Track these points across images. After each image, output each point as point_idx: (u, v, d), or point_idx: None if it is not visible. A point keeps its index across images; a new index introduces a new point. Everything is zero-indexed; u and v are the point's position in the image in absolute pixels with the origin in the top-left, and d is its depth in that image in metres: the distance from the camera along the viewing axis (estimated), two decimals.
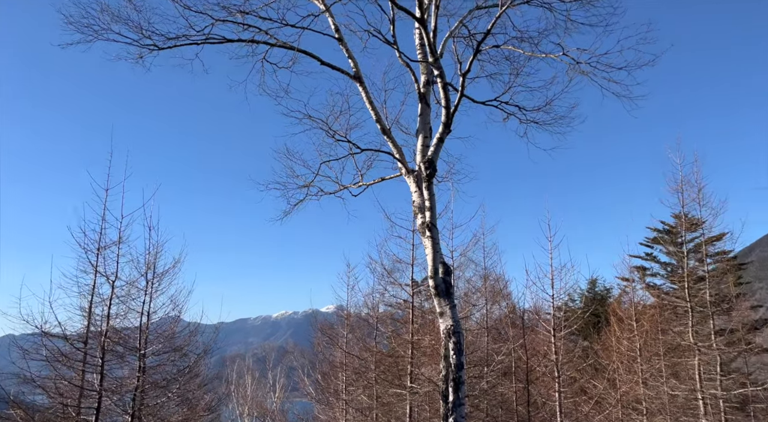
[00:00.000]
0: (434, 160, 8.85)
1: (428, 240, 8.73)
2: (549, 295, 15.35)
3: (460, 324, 8.91)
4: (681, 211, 19.50)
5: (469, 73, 8.48)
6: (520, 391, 15.81)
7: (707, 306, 17.03)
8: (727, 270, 28.47)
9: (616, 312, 19.30)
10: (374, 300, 18.17)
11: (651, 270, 32.02)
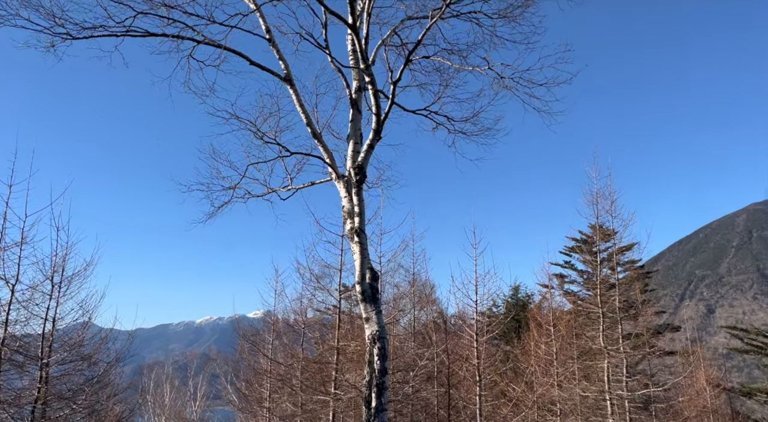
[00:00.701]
0: (364, 165, 8.89)
1: (357, 245, 8.75)
2: (473, 301, 15.82)
3: (385, 329, 8.97)
4: (596, 221, 20.72)
5: (400, 82, 8.61)
6: (441, 395, 16.15)
7: (616, 312, 18.17)
8: (635, 279, 30.56)
9: (535, 317, 20.18)
10: (302, 306, 17.97)
11: (569, 277, 33.82)
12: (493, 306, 37.38)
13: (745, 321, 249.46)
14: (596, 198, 18.97)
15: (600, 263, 22.18)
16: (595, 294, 19.49)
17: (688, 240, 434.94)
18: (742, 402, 31.26)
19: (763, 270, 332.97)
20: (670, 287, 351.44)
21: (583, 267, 31.87)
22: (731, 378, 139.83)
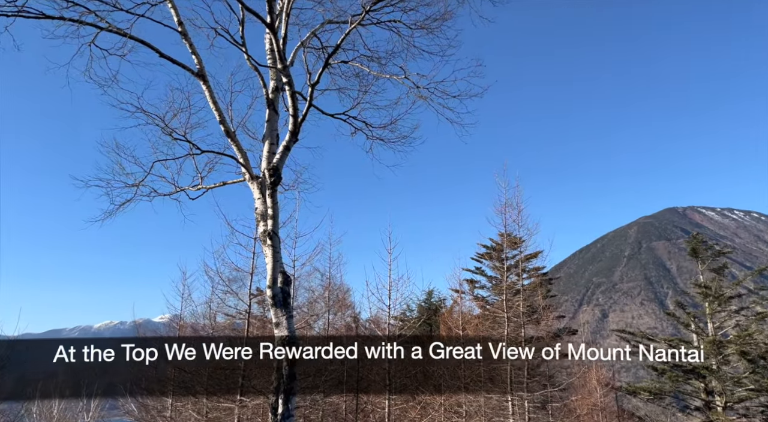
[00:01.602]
0: (279, 167, 8.76)
1: (269, 248, 8.59)
2: (386, 305, 16.01)
3: (295, 334, 8.85)
4: (504, 230, 21.77)
5: (319, 85, 8.61)
6: (350, 400, 16.18)
7: (520, 317, 19.16)
8: (539, 285, 32.32)
9: (445, 321, 20.78)
10: (212, 310, 17.32)
11: (479, 283, 35.21)
12: (407, 310, 38.05)
13: (633, 324, 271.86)
14: (505, 207, 19.94)
15: (507, 270, 23.29)
16: (501, 300, 20.42)
17: (588, 249, 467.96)
18: (628, 400, 33.99)
19: (649, 278, 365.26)
20: (571, 293, 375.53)
21: (493, 273, 33.32)
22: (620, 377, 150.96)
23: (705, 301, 31.34)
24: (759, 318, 30.07)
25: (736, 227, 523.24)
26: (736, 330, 30.31)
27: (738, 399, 27.73)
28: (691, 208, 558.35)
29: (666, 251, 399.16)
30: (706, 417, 28.23)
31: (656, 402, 30.42)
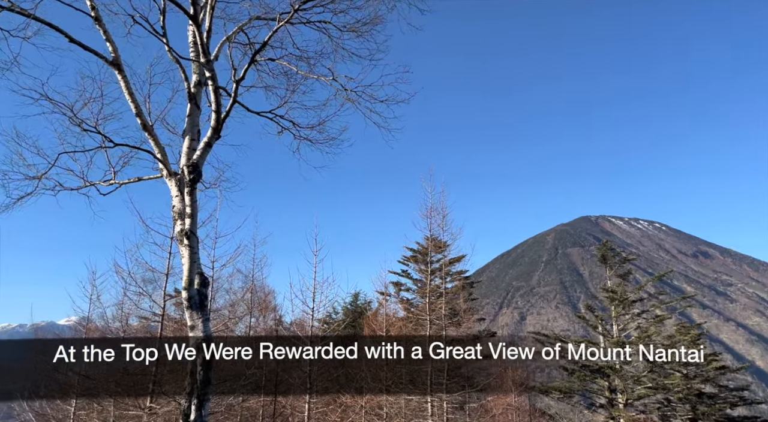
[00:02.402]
0: (200, 164, 8.44)
1: (186, 248, 8.26)
2: (310, 308, 15.84)
3: (212, 338, 8.56)
4: (429, 234, 22.21)
5: (245, 82, 8.39)
6: (268, 404, 15.85)
7: (442, 319, 19.61)
8: (462, 288, 33.23)
9: (370, 324, 20.88)
10: (124, 312, 16.36)
11: (405, 285, 35.74)
12: (333, 313, 37.92)
13: (549, 327, 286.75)
14: (430, 212, 20.35)
15: (432, 273, 23.79)
16: (425, 302, 20.81)
17: (509, 254, 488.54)
18: (541, 399, 35.69)
19: (564, 282, 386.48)
20: (492, 296, 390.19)
21: (418, 276, 33.95)
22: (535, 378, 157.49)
23: (611, 305, 33.59)
24: (657, 320, 32.62)
25: (641, 236, 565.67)
26: (638, 331, 32.72)
27: (637, 396, 29.91)
28: (603, 217, 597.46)
29: (580, 257, 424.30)
30: (609, 413, 30.22)
31: (566, 400, 32.20)
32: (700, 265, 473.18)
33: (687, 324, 34.54)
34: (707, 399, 29.54)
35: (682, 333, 31.87)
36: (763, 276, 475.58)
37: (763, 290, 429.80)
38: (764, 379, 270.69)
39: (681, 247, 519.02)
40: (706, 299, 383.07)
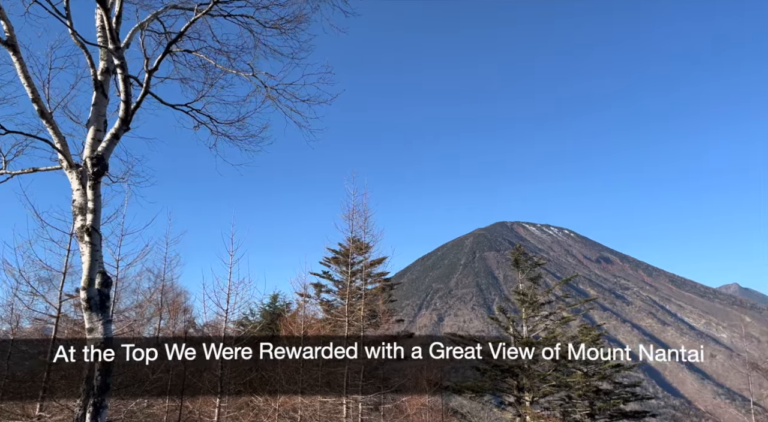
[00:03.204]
0: (105, 156, 7.94)
1: (87, 246, 7.74)
2: (224, 310, 15.33)
3: (111, 341, 8.09)
4: (351, 235, 22.24)
5: (159, 72, 8.00)
6: (173, 410, 15.16)
7: (361, 321, 19.70)
8: (382, 290, 33.53)
9: (287, 325, 20.56)
10: (14, 313, 14.99)
11: (326, 287, 35.54)
12: (250, 315, 36.97)
13: (465, 328, 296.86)
14: (352, 213, 20.40)
15: (353, 275, 23.83)
16: (345, 304, 20.81)
17: (429, 257, 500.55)
18: (454, 399, 36.82)
19: (480, 285, 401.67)
20: (412, 298, 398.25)
21: (340, 277, 33.91)
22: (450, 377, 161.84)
23: (522, 307, 35.32)
24: (563, 322, 34.68)
25: (552, 241, 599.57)
26: (545, 332, 34.63)
27: (543, 394, 31.61)
28: (518, 223, 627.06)
29: (495, 261, 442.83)
30: (517, 411, 31.72)
31: (477, 399, 33.43)
32: (603, 270, 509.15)
33: (589, 325, 36.99)
34: (604, 396, 31.78)
35: (584, 334, 34.10)
36: (656, 281, 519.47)
37: (656, 294, 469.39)
38: (654, 376, 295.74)
39: (586, 253, 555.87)
40: (606, 302, 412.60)
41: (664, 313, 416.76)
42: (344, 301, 23.28)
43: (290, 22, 8.46)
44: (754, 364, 20.87)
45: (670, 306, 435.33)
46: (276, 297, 38.07)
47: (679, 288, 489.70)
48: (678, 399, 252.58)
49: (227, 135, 9.83)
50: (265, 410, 16.35)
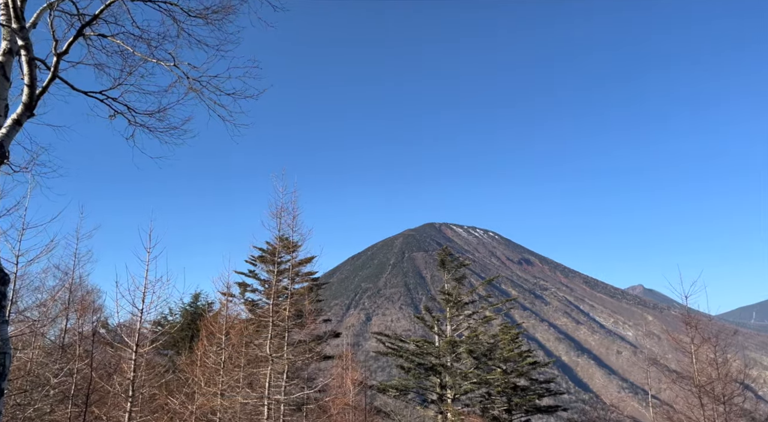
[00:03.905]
0: (5, 143, 7.29)
1: None
2: (139, 309, 14.55)
3: (8, 343, 7.46)
4: (279, 234, 21.78)
5: (70, 57, 7.44)
6: (76, 415, 14.20)
7: (286, 321, 19.36)
8: (309, 289, 33.16)
9: (207, 326, 19.88)
10: None
11: (252, 286, 34.68)
12: (169, 314, 35.44)
13: (392, 327, 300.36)
14: (280, 212, 20.00)
15: (280, 274, 23.35)
16: (271, 304, 20.35)
17: (359, 256, 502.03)
18: (379, 398, 37.13)
19: (408, 285, 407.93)
20: (341, 298, 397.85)
21: (267, 276, 33.17)
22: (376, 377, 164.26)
23: (447, 306, 36.22)
24: (485, 321, 35.91)
25: (477, 243, 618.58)
26: (468, 331, 35.69)
27: (464, 391, 32.58)
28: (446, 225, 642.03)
29: (423, 261, 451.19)
30: (439, 408, 32.49)
31: (401, 397, 33.91)
32: (524, 271, 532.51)
33: (509, 324, 38.55)
34: (520, 392, 33.24)
35: (504, 333, 35.49)
36: (572, 282, 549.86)
37: (571, 294, 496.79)
38: (567, 372, 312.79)
39: (509, 255, 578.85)
40: (526, 301, 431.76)
41: (578, 313, 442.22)
42: (270, 301, 22.80)
43: (216, 12, 8.15)
44: (653, 360, 22.57)
45: (584, 305, 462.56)
46: (198, 296, 36.72)
47: (591, 289, 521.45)
48: (588, 393, 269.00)
49: (146, 126, 9.32)
50: (181, 413, 15.71)
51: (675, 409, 17.25)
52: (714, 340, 16.05)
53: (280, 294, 21.97)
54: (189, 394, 16.60)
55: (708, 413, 15.06)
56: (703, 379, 15.80)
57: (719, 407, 15.27)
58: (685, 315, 17.72)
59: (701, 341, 16.20)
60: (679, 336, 17.59)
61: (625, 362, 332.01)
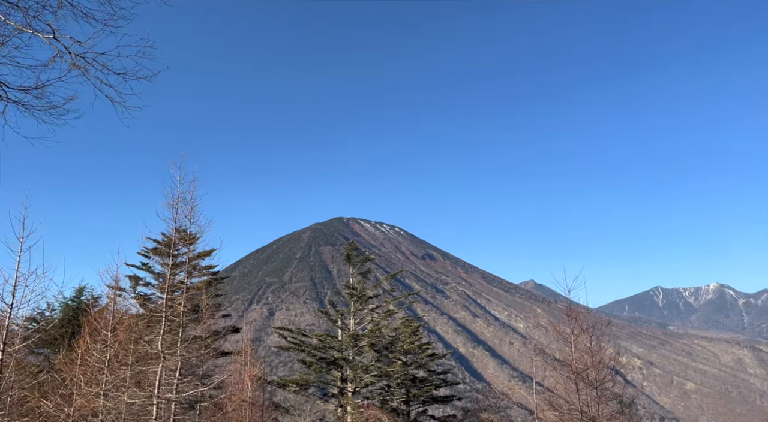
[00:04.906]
0: None
1: None
2: (8, 304, 13.11)
3: None
4: (174, 225, 20.63)
5: None
6: None
7: (180, 316, 18.44)
8: (209, 283, 31.85)
9: (91, 322, 18.42)
10: None
11: (144, 280, 32.61)
12: (47, 310, 32.48)
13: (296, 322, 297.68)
14: (177, 201, 18.95)
15: (177, 267, 22.16)
16: (164, 298, 19.27)
17: (264, 250, 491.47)
18: (280, 393, 36.59)
19: (314, 279, 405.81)
20: (243, 292, 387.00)
21: (162, 269, 31.33)
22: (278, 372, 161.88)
23: (351, 300, 36.43)
24: (388, 314, 36.59)
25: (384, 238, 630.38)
26: (371, 324, 36.18)
27: (365, 384, 33.01)
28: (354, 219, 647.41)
29: (330, 255, 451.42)
30: (339, 402, 32.66)
31: (302, 392, 33.65)
32: (427, 266, 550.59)
33: (411, 317, 39.58)
34: (419, 383, 34.29)
35: (405, 326, 36.38)
36: (471, 277, 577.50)
37: (470, 289, 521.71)
38: (464, 363, 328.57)
39: (414, 250, 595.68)
40: (428, 296, 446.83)
41: (476, 306, 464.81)
42: (164, 295, 21.61)
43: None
44: (540, 349, 24.22)
45: (481, 299, 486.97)
46: (82, 290, 34.08)
47: (489, 284, 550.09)
48: (482, 383, 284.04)
49: (21, 102, 8.45)
50: (55, 416, 14.44)
51: (556, 394, 18.69)
52: (590, 330, 17.62)
53: (176, 289, 20.90)
54: (66, 396, 15.28)
55: (583, 397, 16.55)
56: (580, 366, 17.31)
57: (593, 391, 16.82)
58: (568, 307, 19.24)
59: (580, 331, 17.71)
60: (562, 327, 19.05)
61: (516, 352, 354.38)
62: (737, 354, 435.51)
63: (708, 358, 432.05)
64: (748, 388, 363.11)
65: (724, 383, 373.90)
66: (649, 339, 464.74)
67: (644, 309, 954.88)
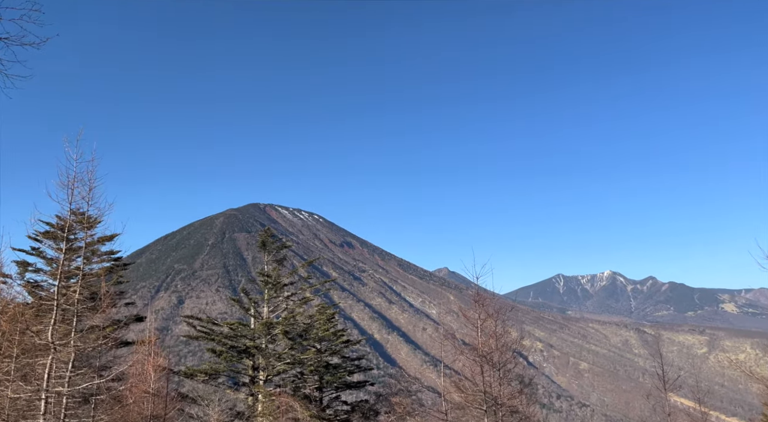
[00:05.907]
0: None
1: None
2: None
3: None
4: (70, 207, 19.07)
5: None
6: None
7: (75, 304, 17.13)
8: (110, 270, 29.84)
9: None
10: None
11: (35, 265, 29.97)
12: None
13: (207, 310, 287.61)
14: (73, 182, 17.51)
15: (72, 251, 20.53)
16: (57, 286, 17.82)
17: (173, 236, 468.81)
18: (188, 383, 35.20)
19: (228, 266, 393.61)
20: (150, 279, 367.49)
21: (55, 254, 28.94)
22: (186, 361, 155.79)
23: (265, 288, 35.67)
24: (303, 302, 36.24)
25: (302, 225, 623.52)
26: (286, 312, 35.66)
27: (277, 372, 32.55)
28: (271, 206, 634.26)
29: (245, 242, 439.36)
30: (250, 390, 32.02)
31: (211, 382, 32.61)
32: (345, 254, 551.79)
33: (327, 304, 39.46)
34: (333, 369, 34.35)
35: (321, 313, 36.22)
36: (388, 265, 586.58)
37: (386, 276, 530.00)
38: (378, 349, 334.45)
39: (332, 237, 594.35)
40: (345, 283, 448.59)
41: (392, 293, 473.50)
42: (56, 282, 19.98)
43: None
44: (450, 334, 25.06)
45: (397, 286, 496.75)
46: None
47: (404, 271, 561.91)
48: (395, 368, 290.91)
49: None
50: None
51: (463, 377, 19.48)
52: (496, 316, 18.50)
53: (72, 275, 19.37)
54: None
55: (487, 378, 17.39)
56: (486, 349, 18.15)
57: (496, 372, 17.72)
58: (476, 293, 20.04)
59: (486, 316, 18.54)
60: (471, 312, 19.82)
61: (428, 338, 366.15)
62: (624, 335, 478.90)
63: (600, 340, 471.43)
64: (633, 366, 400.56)
65: (612, 362, 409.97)
66: (550, 324, 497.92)
67: (547, 295, 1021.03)
